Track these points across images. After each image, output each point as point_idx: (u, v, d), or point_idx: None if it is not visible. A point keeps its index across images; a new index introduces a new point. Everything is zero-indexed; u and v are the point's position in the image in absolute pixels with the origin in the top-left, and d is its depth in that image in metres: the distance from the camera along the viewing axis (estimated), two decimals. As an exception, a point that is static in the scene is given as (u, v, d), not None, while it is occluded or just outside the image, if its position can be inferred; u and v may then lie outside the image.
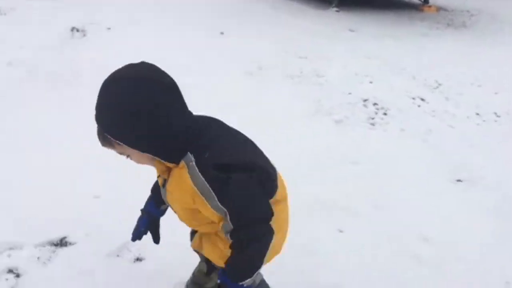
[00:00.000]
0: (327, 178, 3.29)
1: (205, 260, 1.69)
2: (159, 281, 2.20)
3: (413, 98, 4.86)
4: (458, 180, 3.50)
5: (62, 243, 2.55)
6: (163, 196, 1.55)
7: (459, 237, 2.88)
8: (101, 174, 3.08)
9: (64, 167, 3.14)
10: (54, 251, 2.48)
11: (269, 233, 1.40)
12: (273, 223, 1.43)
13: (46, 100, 4.11)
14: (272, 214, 1.40)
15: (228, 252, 1.47)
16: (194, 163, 1.31)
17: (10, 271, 2.33)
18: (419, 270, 2.60)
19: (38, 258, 2.43)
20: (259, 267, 1.43)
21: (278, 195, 1.52)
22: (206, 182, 1.30)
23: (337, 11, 8.06)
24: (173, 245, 2.09)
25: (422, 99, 4.87)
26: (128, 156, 1.37)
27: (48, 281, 2.27)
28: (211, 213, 1.38)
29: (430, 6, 9.33)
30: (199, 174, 1.30)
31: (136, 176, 2.96)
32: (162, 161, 1.34)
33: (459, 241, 2.84)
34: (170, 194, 1.46)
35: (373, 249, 2.71)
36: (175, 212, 1.58)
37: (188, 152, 1.32)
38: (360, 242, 2.75)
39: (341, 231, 2.84)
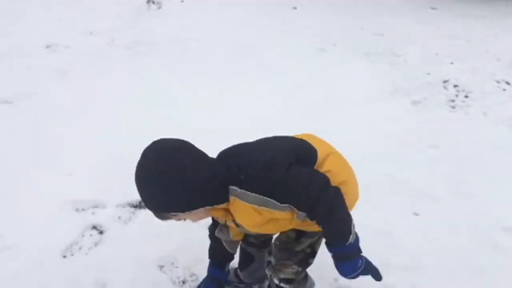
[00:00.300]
0: (404, 160, 3.18)
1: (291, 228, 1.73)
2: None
3: (498, 82, 4.56)
4: (546, 170, 3.26)
5: (140, 205, 2.64)
6: (244, 231, 1.69)
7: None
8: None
9: (143, 132, 3.24)
10: (133, 212, 2.59)
11: (337, 193, 1.47)
12: (338, 177, 1.55)
13: (125, 68, 4.25)
14: (326, 177, 1.48)
15: None
16: (239, 190, 1.43)
17: (94, 227, 2.46)
18: (496, 260, 2.48)
19: (119, 217, 2.54)
20: (350, 220, 1.48)
21: (321, 153, 1.60)
22: (258, 195, 1.42)
23: (416, -13, 7.68)
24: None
25: (507, 83, 4.55)
26: (185, 219, 1.51)
27: (128, 239, 2.38)
28: (282, 214, 1.48)
29: (518, -15, 8.67)
30: (249, 193, 1.43)
31: (209, 144, 3.02)
32: (216, 206, 1.48)
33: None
34: (243, 225, 1.57)
35: (450, 235, 2.60)
36: (265, 233, 1.73)
37: (229, 186, 1.44)
38: (436, 227, 2.65)
39: (416, 214, 2.75)
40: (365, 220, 2.56)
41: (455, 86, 4.40)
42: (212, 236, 1.92)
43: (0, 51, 4.34)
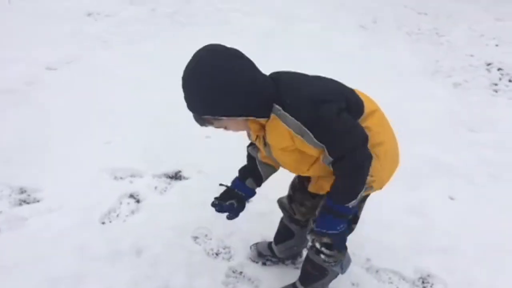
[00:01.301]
0: (443, 142, 3.13)
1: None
2: (270, 218, 2.26)
3: (545, 66, 4.38)
4: None
5: (176, 176, 2.69)
6: (268, 154, 1.64)
7: None
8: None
9: (178, 105, 3.25)
10: (169, 183, 2.64)
11: (368, 158, 1.46)
12: (378, 137, 1.54)
13: (165, 38, 4.28)
14: (366, 136, 1.47)
15: None
16: (282, 110, 1.41)
17: (131, 196, 2.52)
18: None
19: (155, 187, 2.59)
20: (361, 190, 1.49)
21: (367, 108, 1.57)
22: (298, 122, 1.40)
23: (464, -36, 7.36)
24: (281, 188, 2.12)
25: (556, 68, 4.37)
26: (225, 127, 1.49)
27: (164, 209, 2.43)
28: (311, 149, 1.46)
29: None
30: (290, 117, 1.41)
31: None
32: (256, 118, 1.46)
33: None
34: (273, 146, 1.55)
35: (487, 219, 2.54)
36: (284, 165, 1.65)
37: (274, 104, 1.43)
38: (472, 211, 2.61)
39: (452, 198, 2.71)
40: (400, 200, 2.57)
41: (499, 69, 4.25)
42: (248, 155, 1.86)
43: (41, 19, 4.42)
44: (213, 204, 1.70)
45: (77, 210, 2.36)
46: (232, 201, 1.77)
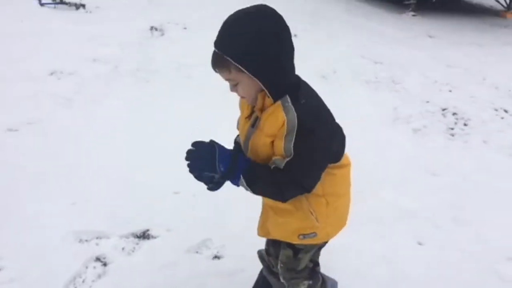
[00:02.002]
0: (405, 187, 3.21)
1: (287, 246, 1.74)
2: (241, 276, 2.23)
3: (496, 110, 4.63)
4: (547, 199, 3.28)
5: (144, 236, 2.64)
6: (244, 138, 1.61)
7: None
8: (179, 170, 3.15)
9: (144, 162, 3.26)
10: (137, 243, 2.58)
11: (286, 196, 1.49)
12: (337, 188, 1.61)
13: (129, 95, 4.28)
14: (310, 190, 1.49)
15: (298, 223, 1.60)
16: (290, 103, 1.41)
17: (98, 259, 2.45)
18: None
19: (123, 248, 2.53)
20: (253, 191, 1.50)
21: (344, 159, 1.63)
22: (296, 120, 1.38)
23: (414, 15, 7.83)
24: (250, 245, 2.12)
25: (506, 111, 4.63)
26: (235, 85, 1.46)
27: (132, 271, 2.36)
28: (279, 148, 1.45)
29: (513, 12, 8.86)
30: (294, 112, 1.40)
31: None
32: (267, 92, 1.43)
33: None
34: (261, 130, 1.50)
35: (454, 265, 2.60)
36: (254, 153, 1.58)
37: (287, 95, 1.42)
38: (440, 256, 2.66)
39: (420, 244, 2.76)
40: (368, 247, 2.60)
41: (454, 114, 4.46)
42: (236, 143, 1.84)
43: (2, 79, 4.37)
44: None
45: (41, 277, 2.26)
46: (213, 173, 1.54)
